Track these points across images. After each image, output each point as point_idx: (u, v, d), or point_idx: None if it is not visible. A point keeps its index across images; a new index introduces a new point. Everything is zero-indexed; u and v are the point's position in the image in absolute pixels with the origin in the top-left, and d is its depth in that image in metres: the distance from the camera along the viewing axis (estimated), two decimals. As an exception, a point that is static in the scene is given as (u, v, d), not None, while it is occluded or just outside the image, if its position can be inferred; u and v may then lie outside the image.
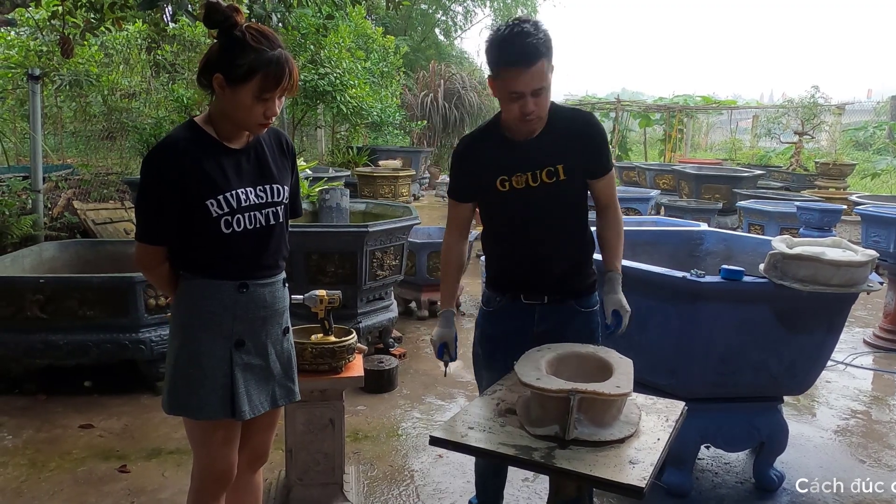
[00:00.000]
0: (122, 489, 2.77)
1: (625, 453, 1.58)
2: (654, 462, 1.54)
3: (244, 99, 1.66)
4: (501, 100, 1.92)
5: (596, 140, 2.05)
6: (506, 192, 2.01)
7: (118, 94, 6.90)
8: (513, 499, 2.76)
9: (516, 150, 2.00)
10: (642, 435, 1.68)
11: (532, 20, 1.86)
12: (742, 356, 2.61)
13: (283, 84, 1.68)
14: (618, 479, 1.47)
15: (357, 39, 9.43)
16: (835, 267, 2.41)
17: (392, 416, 3.55)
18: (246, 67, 1.63)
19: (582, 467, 1.52)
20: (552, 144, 1.99)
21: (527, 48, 1.80)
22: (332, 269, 3.93)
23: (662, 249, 3.44)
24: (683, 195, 9.23)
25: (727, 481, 2.97)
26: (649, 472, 1.49)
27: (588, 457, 1.56)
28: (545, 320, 2.09)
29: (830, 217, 5.82)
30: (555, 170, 1.98)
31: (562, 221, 2.07)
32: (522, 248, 2.07)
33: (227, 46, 1.66)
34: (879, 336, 4.92)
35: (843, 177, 9.20)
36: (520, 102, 1.87)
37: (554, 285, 2.08)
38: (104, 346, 3.54)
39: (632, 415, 1.73)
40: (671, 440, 1.69)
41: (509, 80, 1.85)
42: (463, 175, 2.12)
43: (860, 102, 19.12)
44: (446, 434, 1.68)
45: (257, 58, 1.63)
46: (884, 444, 3.36)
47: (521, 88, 1.84)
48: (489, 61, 1.91)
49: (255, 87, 1.65)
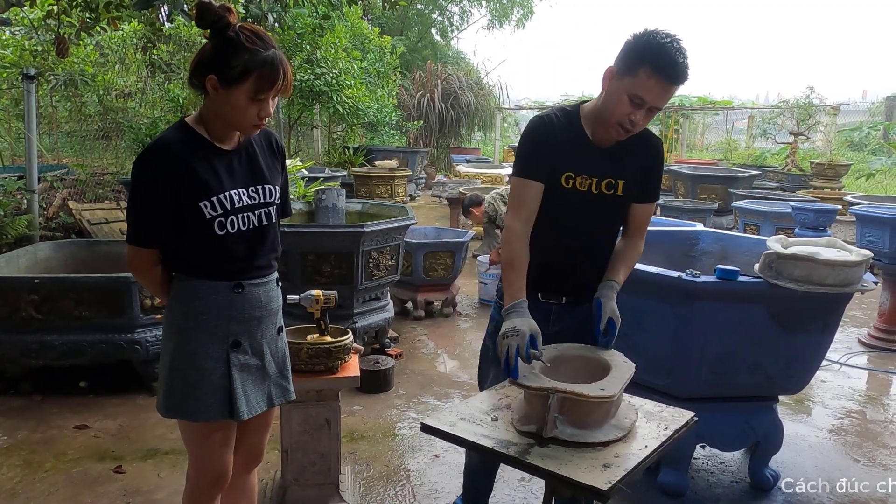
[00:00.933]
0: (117, 490, 2.76)
1: (602, 456, 1.57)
2: (629, 468, 1.52)
3: (238, 100, 1.65)
4: (617, 97, 1.83)
5: (657, 168, 2.06)
6: (567, 190, 1.95)
7: (114, 93, 6.88)
8: (508, 498, 2.77)
9: (590, 152, 1.95)
10: (633, 441, 1.66)
11: (685, 43, 1.80)
12: (737, 356, 2.62)
13: (278, 85, 1.67)
14: (581, 479, 1.46)
15: (353, 39, 9.43)
16: (829, 267, 2.42)
17: (388, 416, 3.55)
18: (240, 68, 1.62)
19: (552, 465, 1.51)
20: (623, 159, 1.97)
21: (684, 68, 1.78)
22: (328, 269, 3.93)
23: (658, 249, 3.44)
24: (679, 195, 9.25)
25: (723, 481, 2.98)
26: (618, 477, 1.47)
27: (563, 456, 1.56)
28: (560, 320, 2.07)
29: (825, 217, 5.84)
30: (615, 183, 1.96)
31: (603, 233, 2.06)
32: (558, 249, 2.02)
33: (221, 47, 1.64)
34: (874, 336, 4.94)
35: (838, 177, 9.25)
36: (634, 110, 1.81)
37: (575, 289, 2.06)
38: (99, 347, 3.53)
39: (625, 419, 1.71)
40: (663, 449, 1.66)
41: (644, 85, 1.77)
42: (537, 156, 1.96)
43: (855, 103, 19.20)
44: (435, 422, 1.70)
45: (251, 59, 1.62)
46: (878, 444, 3.37)
47: (651, 100, 1.79)
48: (635, 53, 1.79)
49: (249, 88, 1.64)
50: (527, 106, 19.38)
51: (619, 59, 1.84)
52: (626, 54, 1.82)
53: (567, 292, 2.06)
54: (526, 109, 19.62)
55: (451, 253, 5.23)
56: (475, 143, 17.72)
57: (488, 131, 17.41)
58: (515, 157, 2.02)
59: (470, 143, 17.05)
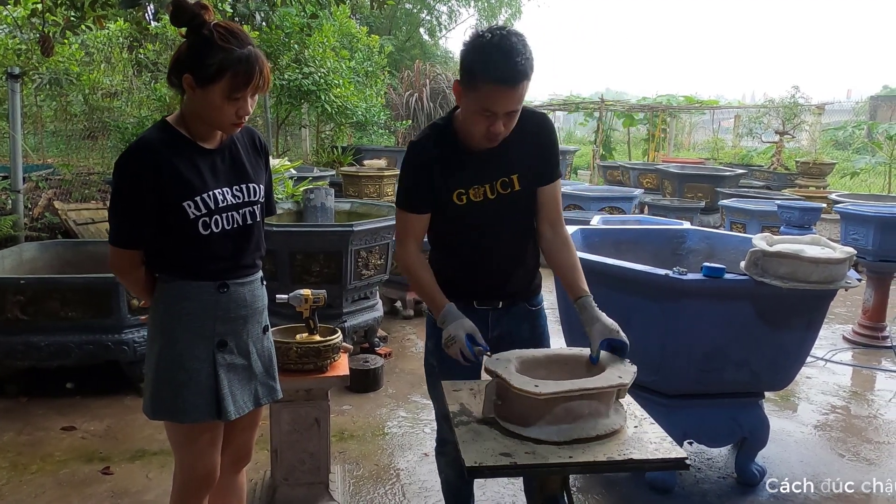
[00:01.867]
0: (105, 491, 2.75)
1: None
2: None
3: (214, 99, 1.64)
4: (469, 112, 1.78)
5: (548, 146, 1.96)
6: (463, 205, 1.91)
7: (99, 93, 6.82)
8: (498, 496, 2.78)
9: (473, 162, 1.89)
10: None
11: (518, 33, 1.72)
12: (724, 352, 2.64)
13: (254, 82, 1.65)
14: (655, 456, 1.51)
15: (341, 39, 9.39)
16: (814, 264, 2.45)
17: (378, 415, 3.55)
18: (215, 67, 1.61)
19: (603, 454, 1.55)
20: (508, 153, 1.88)
21: (515, 68, 1.67)
22: (316, 268, 3.92)
23: (646, 248, 3.47)
24: (667, 194, 9.31)
25: (710, 476, 3.01)
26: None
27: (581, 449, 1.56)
28: (499, 324, 2.04)
29: (810, 215, 5.91)
30: (510, 180, 1.90)
31: (517, 229, 2.00)
32: (479, 257, 1.98)
33: (196, 46, 1.63)
34: (858, 332, 5.00)
35: (822, 176, 9.34)
36: (490, 121, 1.75)
37: (509, 292, 2.03)
38: (86, 348, 3.51)
39: (604, 420, 1.65)
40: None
41: (487, 98, 1.71)
42: (420, 187, 1.92)
43: (840, 102, 19.43)
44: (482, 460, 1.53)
45: (226, 57, 1.61)
46: (862, 439, 3.42)
47: (497, 108, 1.72)
48: (466, 69, 1.74)
49: (224, 86, 1.62)
50: (515, 105, 19.38)
51: (461, 80, 1.77)
52: (462, 68, 1.75)
53: (501, 297, 2.03)
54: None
55: (440, 252, 5.23)
56: (464, 142, 17.69)
57: (477, 131, 17.38)
58: (398, 188, 1.98)
59: (458, 143, 17.02)
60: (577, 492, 2.83)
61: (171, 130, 1.71)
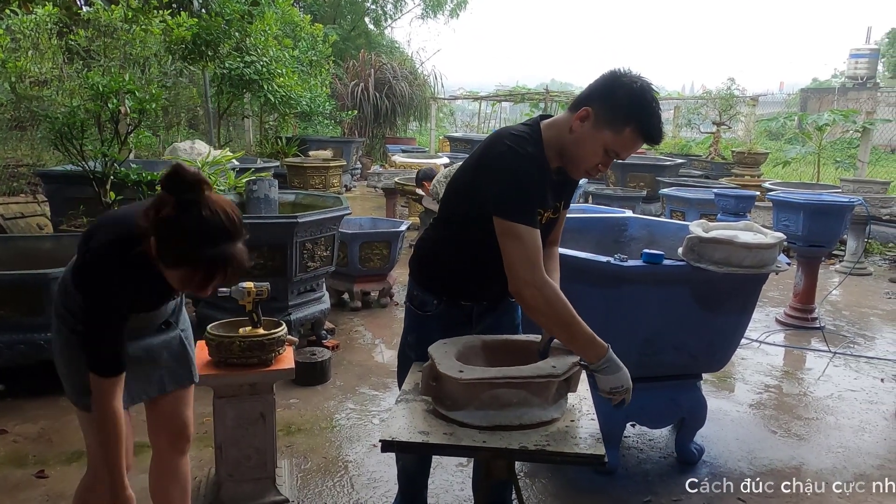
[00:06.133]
0: (40, 495, 2.64)
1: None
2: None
3: (170, 276, 1.56)
4: (592, 147, 1.77)
5: (575, 181, 2.08)
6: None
7: (27, 81, 6.50)
8: (447, 483, 2.80)
9: (553, 185, 1.90)
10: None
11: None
12: (664, 336, 2.72)
13: (214, 281, 1.54)
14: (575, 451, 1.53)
15: (284, 27, 9.19)
16: (746, 249, 2.55)
17: (325, 407, 3.52)
18: (176, 257, 1.51)
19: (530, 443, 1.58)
20: (567, 182, 1.99)
21: (661, 131, 1.78)
22: (261, 261, 3.85)
23: (589, 236, 3.53)
24: (610, 184, 9.50)
25: (651, 457, 3.10)
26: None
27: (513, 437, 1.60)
28: (482, 319, 2.10)
29: (745, 203, 6.14)
30: (559, 206, 2.01)
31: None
32: (492, 270, 1.86)
33: (171, 223, 1.48)
34: (789, 314, 5.23)
35: (757, 165, 9.68)
36: (606, 161, 1.80)
37: (501, 293, 1.99)
38: (17, 347, 3.36)
39: (549, 407, 1.70)
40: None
41: (625, 143, 1.75)
42: (533, 203, 1.79)
43: (773, 94, 20.21)
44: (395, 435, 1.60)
45: (192, 253, 1.48)
46: (793, 416, 3.58)
47: (624, 155, 1.80)
48: (620, 115, 1.71)
49: (181, 274, 1.53)
50: (461, 96, 19.44)
51: (601, 107, 1.73)
52: (612, 108, 1.72)
53: (489, 298, 2.09)
54: (461, 99, 19.68)
55: (387, 243, 5.21)
56: (411, 132, 17.66)
57: (423, 121, 17.38)
58: (511, 199, 1.74)
59: (405, 133, 16.99)
60: (524, 477, 2.88)
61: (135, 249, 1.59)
